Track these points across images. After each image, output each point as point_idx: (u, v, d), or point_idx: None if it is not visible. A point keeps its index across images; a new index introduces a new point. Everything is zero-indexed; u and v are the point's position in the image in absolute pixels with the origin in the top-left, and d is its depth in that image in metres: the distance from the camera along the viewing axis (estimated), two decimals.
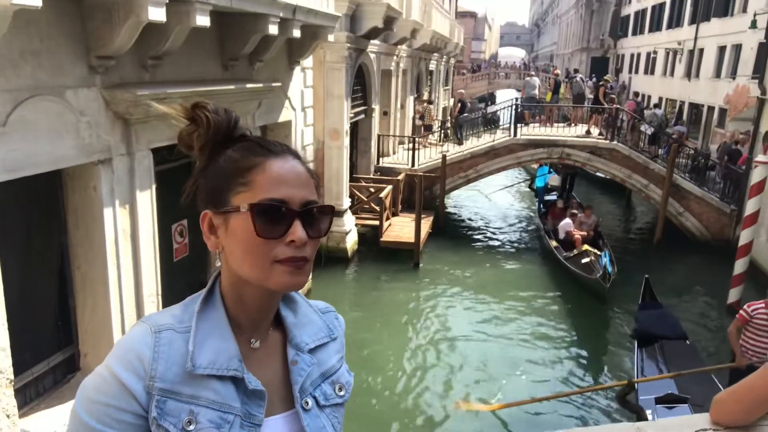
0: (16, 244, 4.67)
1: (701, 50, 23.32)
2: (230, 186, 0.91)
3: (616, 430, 1.35)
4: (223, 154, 0.94)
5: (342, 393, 1.04)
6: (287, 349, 1.01)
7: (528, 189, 20.63)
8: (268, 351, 0.99)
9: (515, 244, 15.04)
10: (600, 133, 16.48)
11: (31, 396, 4.89)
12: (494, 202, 19.53)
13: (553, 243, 12.86)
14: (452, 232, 15.37)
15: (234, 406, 0.89)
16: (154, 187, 5.71)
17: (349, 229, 12.41)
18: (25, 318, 4.73)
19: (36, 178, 4.43)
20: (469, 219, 17.36)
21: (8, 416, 4.12)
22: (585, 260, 11.24)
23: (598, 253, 11.56)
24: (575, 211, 13.60)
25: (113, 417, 0.84)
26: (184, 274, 6.66)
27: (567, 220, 13.03)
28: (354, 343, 9.25)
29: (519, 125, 16.24)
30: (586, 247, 11.70)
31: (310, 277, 10.23)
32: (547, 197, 16.89)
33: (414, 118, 19.93)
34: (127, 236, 5.43)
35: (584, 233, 12.59)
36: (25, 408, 4.71)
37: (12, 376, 4.18)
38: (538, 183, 18.94)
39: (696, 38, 23.70)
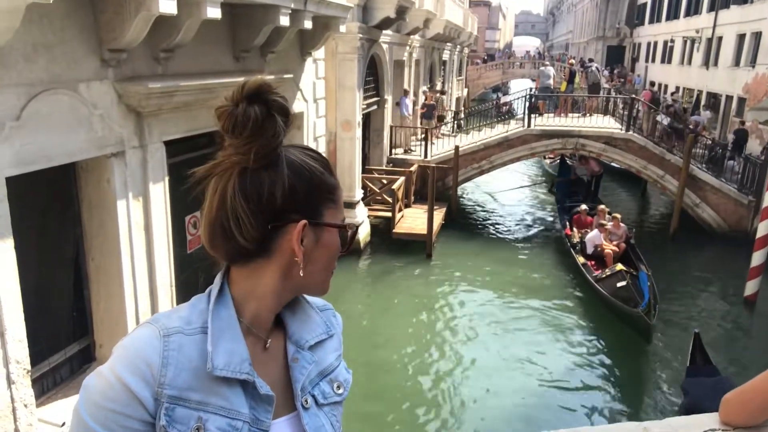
0: (32, 236, 4.73)
1: (720, 38, 22.89)
2: (325, 200, 0.95)
3: (623, 429, 1.33)
4: (291, 157, 0.93)
5: (340, 391, 1.03)
6: (287, 345, 1.00)
7: (548, 191, 18.46)
8: (270, 350, 0.98)
9: (531, 237, 14.88)
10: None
11: (48, 386, 4.96)
12: (508, 193, 19.45)
13: (581, 259, 11.35)
14: (465, 224, 15.32)
15: (242, 413, 0.88)
16: (167, 179, 5.74)
17: (361, 220, 12.42)
18: (41, 309, 4.80)
19: (50, 171, 4.47)
20: (483, 210, 17.28)
21: (26, 406, 4.19)
22: (620, 284, 9.57)
23: (634, 273, 10.04)
24: (603, 221, 11.96)
25: (119, 423, 0.83)
26: (197, 265, 6.72)
27: (595, 233, 11.57)
28: (365, 333, 9.29)
29: (533, 115, 16.11)
30: (619, 266, 10.15)
31: None
32: (569, 202, 15.20)
33: (420, 110, 18.06)
34: (140, 228, 5.47)
35: (615, 248, 11.23)
36: (42, 398, 4.79)
37: (29, 367, 4.25)
38: (559, 188, 16.94)
39: (714, 26, 23.26)
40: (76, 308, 5.32)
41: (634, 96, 17.92)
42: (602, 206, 12.95)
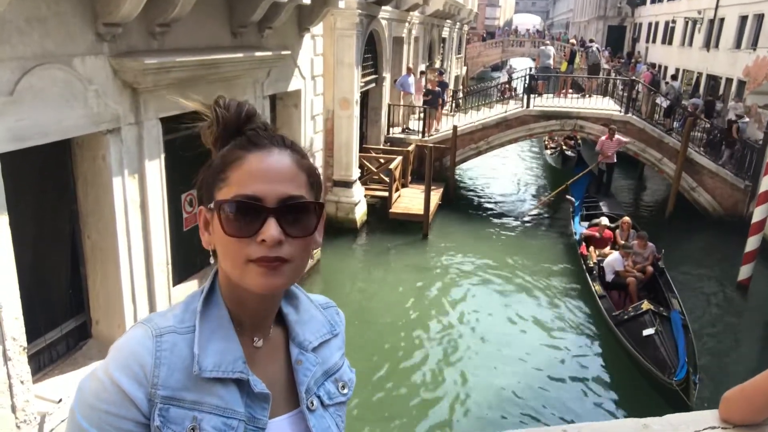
0: (28, 213, 4.69)
1: (722, 20, 22.66)
2: (214, 181, 0.89)
3: (623, 426, 1.33)
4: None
5: (345, 391, 1.02)
6: (290, 347, 0.98)
7: (562, 194, 14.59)
8: (270, 349, 0.97)
9: (530, 220, 14.76)
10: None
11: (44, 362, 4.97)
12: (506, 172, 19.40)
13: (598, 289, 9.26)
14: (462, 205, 15.30)
15: (238, 411, 0.87)
16: (163, 156, 5.68)
17: (358, 200, 12.39)
18: (37, 286, 4.79)
19: (45, 147, 4.41)
20: (480, 191, 17.26)
21: (22, 382, 4.20)
22: (647, 332, 7.43)
23: (665, 313, 7.90)
24: (624, 242, 10.21)
25: (113, 425, 0.82)
26: (194, 243, 6.70)
27: (616, 256, 9.50)
28: (361, 313, 9.33)
29: (532, 96, 15.99)
30: (646, 305, 7.96)
31: (319, 250, 10.26)
32: (582, 202, 13.32)
33: (423, 97, 16.24)
34: (136, 206, 5.43)
35: (640, 274, 9.29)
36: (39, 374, 4.79)
37: (25, 344, 4.25)
38: (575, 192, 14.17)
39: (717, 7, 23.00)
40: (73, 285, 5.30)
41: (634, 78, 17.79)
42: (626, 218, 11.04)
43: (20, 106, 4.06)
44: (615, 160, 14.40)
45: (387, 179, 12.88)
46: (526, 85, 16.13)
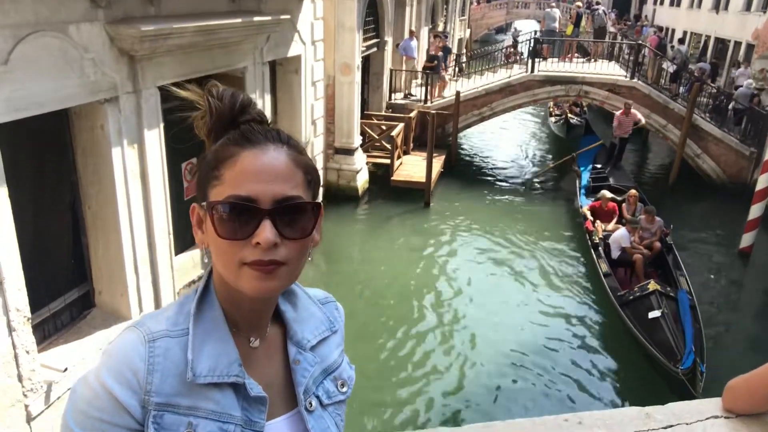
0: (28, 184, 4.66)
1: None
2: (208, 179, 0.85)
3: (625, 414, 1.32)
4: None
5: (344, 389, 1.01)
6: (288, 346, 0.96)
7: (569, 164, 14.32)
8: (267, 349, 0.94)
9: (534, 188, 14.66)
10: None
11: (49, 331, 5.02)
12: (508, 139, 19.22)
13: (603, 267, 8.98)
14: (464, 172, 15.21)
15: (234, 415, 0.86)
16: (162, 125, 5.61)
17: (359, 167, 12.32)
18: (39, 256, 4.79)
19: (43, 118, 4.35)
20: (483, 159, 17.13)
21: (27, 352, 4.25)
22: (653, 314, 7.19)
23: (672, 294, 7.62)
24: (631, 216, 9.78)
25: None
26: None
27: (623, 232, 9.05)
28: (362, 281, 9.39)
29: (537, 60, 15.70)
30: (652, 285, 7.64)
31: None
32: (590, 174, 12.72)
33: (425, 62, 15.78)
34: (136, 175, 5.39)
35: (647, 251, 9.02)
36: (44, 343, 4.85)
37: (29, 314, 4.28)
38: (583, 163, 13.66)
39: None
40: (75, 256, 5.31)
41: (640, 42, 17.44)
42: (633, 191, 10.53)
43: (15, 75, 3.99)
44: (630, 133, 13.81)
45: (389, 146, 12.77)
46: (530, 49, 15.83)
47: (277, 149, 0.85)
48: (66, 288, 5.23)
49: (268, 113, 8.41)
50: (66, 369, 4.60)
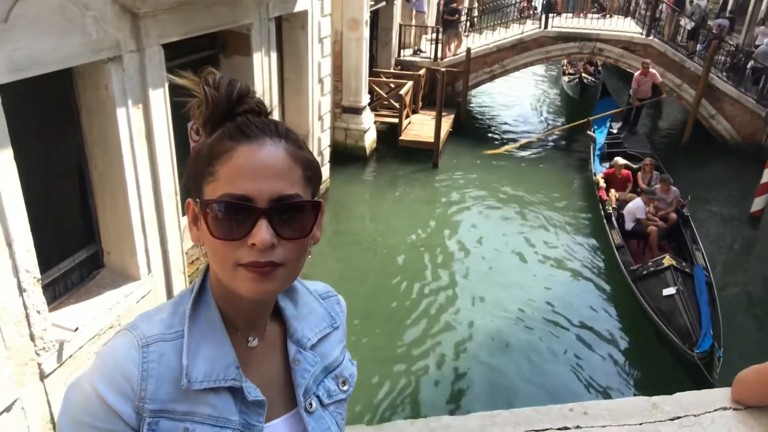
0: (34, 145, 4.63)
1: None
2: (203, 174, 0.82)
3: (632, 404, 1.31)
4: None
5: (345, 388, 0.98)
6: (287, 344, 0.94)
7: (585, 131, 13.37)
8: (266, 348, 0.92)
9: (545, 149, 14.39)
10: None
11: (60, 291, 5.08)
12: (520, 100, 18.87)
13: (616, 238, 8.56)
14: (474, 132, 14.98)
15: (232, 420, 0.84)
16: (167, 84, 5.53)
17: (367, 126, 12.17)
18: (47, 217, 4.81)
19: (47, 78, 4.29)
20: (493, 118, 16.85)
21: (38, 312, 4.30)
22: (667, 292, 6.84)
23: (688, 270, 7.25)
24: (647, 185, 9.40)
25: None
26: None
27: (638, 203, 8.65)
28: (370, 242, 9.41)
29: (551, 15, 15.26)
30: (668, 259, 7.31)
31: (328, 179, 10.19)
32: (608, 146, 11.92)
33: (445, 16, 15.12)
34: (141, 135, 5.35)
35: (662, 223, 8.63)
36: (54, 303, 4.92)
37: (39, 275, 4.32)
38: (598, 128, 13.07)
39: None
40: (83, 216, 5.33)
41: None
42: (649, 159, 10.11)
43: (16, 34, 3.90)
44: (650, 95, 13.22)
45: (397, 105, 12.58)
46: (545, 2, 15.37)
47: (275, 144, 0.81)
48: (75, 248, 5.26)
49: (274, 72, 8.22)
50: (77, 328, 4.67)
